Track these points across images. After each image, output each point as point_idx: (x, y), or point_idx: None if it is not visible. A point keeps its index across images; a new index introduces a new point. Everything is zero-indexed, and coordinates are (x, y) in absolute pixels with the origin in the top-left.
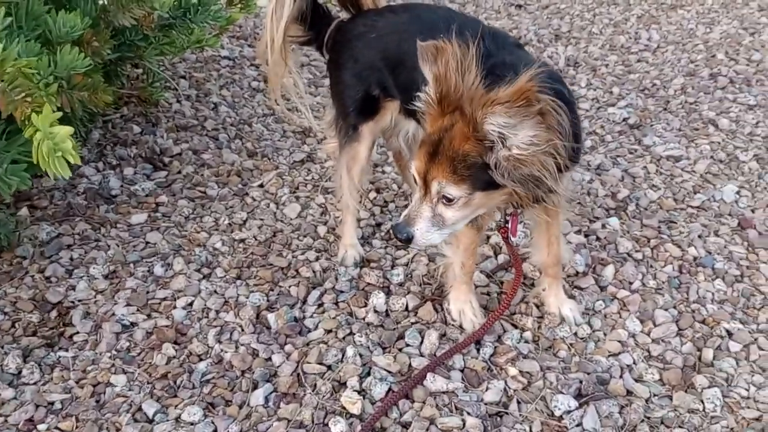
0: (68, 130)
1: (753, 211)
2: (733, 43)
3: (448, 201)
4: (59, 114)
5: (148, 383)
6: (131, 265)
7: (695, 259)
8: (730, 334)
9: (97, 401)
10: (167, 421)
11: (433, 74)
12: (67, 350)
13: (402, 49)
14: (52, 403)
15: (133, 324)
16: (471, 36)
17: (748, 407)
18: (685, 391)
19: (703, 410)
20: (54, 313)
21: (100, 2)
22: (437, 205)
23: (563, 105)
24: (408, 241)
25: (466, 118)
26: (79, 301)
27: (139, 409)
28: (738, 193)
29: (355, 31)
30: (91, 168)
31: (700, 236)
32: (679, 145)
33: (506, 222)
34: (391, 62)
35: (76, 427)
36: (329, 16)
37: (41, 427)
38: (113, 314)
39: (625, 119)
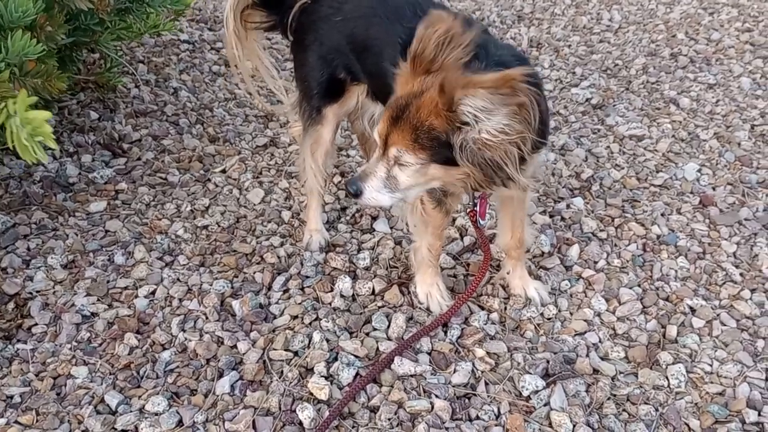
0: (45, 114)
1: (714, 188)
2: (692, 22)
3: (402, 166)
4: (34, 99)
5: (110, 374)
6: (91, 254)
7: (658, 237)
8: (693, 310)
9: (58, 394)
10: (131, 412)
11: (419, 34)
12: (25, 342)
13: (369, 33)
14: (11, 397)
15: (93, 314)
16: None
17: (712, 382)
18: (650, 368)
19: (668, 386)
20: (11, 305)
21: None
22: (393, 168)
23: (540, 99)
24: (356, 195)
25: (443, 95)
26: (37, 292)
27: (102, 400)
28: (699, 171)
29: (320, 13)
30: (48, 155)
31: (662, 214)
32: (641, 125)
33: (475, 204)
34: (357, 46)
35: (37, 421)
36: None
37: (0, 421)
38: (73, 305)
39: (588, 99)
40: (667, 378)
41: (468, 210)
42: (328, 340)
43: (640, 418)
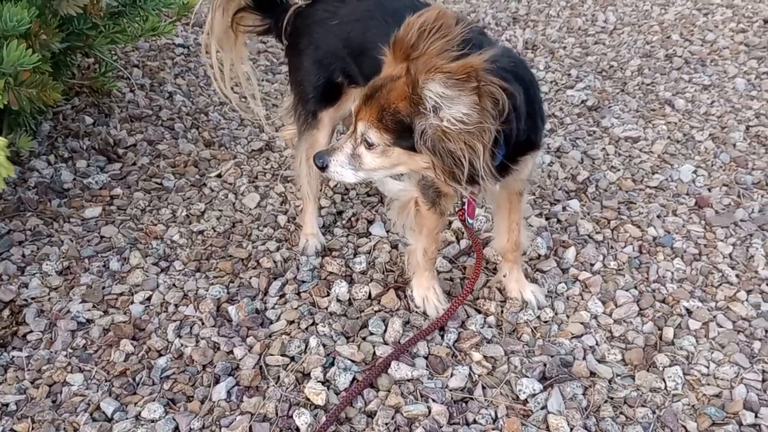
0: (2, 143)
1: (710, 189)
2: (687, 23)
3: (369, 145)
4: None
5: (106, 381)
6: (86, 260)
7: (654, 239)
8: (689, 312)
9: (54, 401)
10: (127, 419)
11: (407, 20)
12: (20, 350)
13: (366, 37)
14: (7, 405)
15: (89, 321)
16: None
17: (709, 384)
18: (647, 370)
19: (665, 388)
20: (6, 312)
21: None
22: (359, 146)
23: (513, 94)
24: (322, 168)
25: (408, 77)
26: (32, 298)
27: (98, 407)
28: (695, 172)
29: (315, 17)
30: (42, 161)
31: (658, 216)
32: (636, 126)
33: (463, 204)
34: (354, 50)
35: (32, 429)
36: (286, 2)
37: None
38: (68, 311)
39: (583, 101)
40: (664, 380)
41: (457, 210)
42: (324, 345)
43: (637, 420)
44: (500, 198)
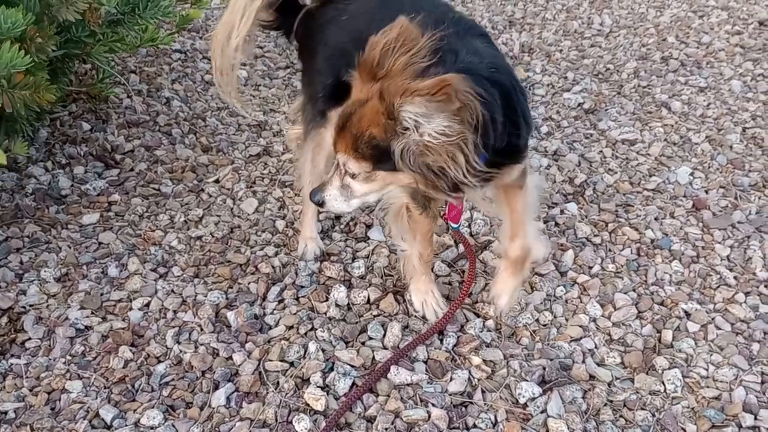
0: None
1: (707, 192)
2: (683, 26)
3: (352, 175)
4: None
5: (105, 388)
6: (84, 266)
7: (652, 241)
8: (688, 314)
9: (53, 409)
10: (126, 426)
11: (371, 40)
12: (19, 357)
13: (371, 31)
14: (5, 413)
15: (87, 327)
16: (436, 21)
17: (708, 387)
18: (647, 373)
19: (665, 391)
20: (4, 320)
21: None
22: (345, 176)
23: (489, 102)
24: (320, 204)
25: (383, 102)
26: (31, 305)
27: (97, 415)
28: (692, 174)
29: (326, 16)
30: (40, 168)
31: (656, 218)
32: (633, 129)
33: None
34: (361, 44)
35: None
36: (298, 3)
37: None
38: (66, 318)
39: (580, 104)
40: (663, 383)
41: (442, 214)
42: (323, 350)
43: (636, 423)
44: (498, 196)
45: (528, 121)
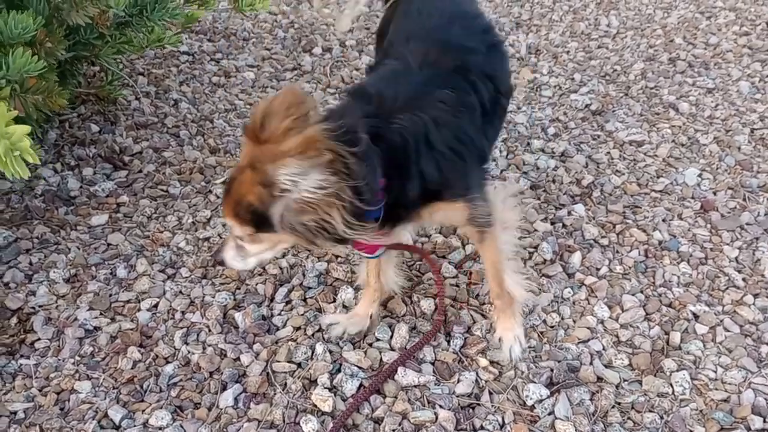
0: (24, 129)
1: (715, 193)
2: (690, 27)
3: (239, 237)
4: (15, 113)
5: (113, 389)
6: (93, 267)
7: (660, 242)
8: (696, 316)
9: (62, 409)
10: (134, 426)
11: (255, 105)
12: (28, 358)
13: (397, 27)
14: (15, 413)
15: (96, 328)
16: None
17: (716, 389)
18: (655, 375)
19: (673, 393)
20: (14, 320)
21: (53, 1)
22: (237, 238)
23: (362, 150)
24: (221, 264)
25: (256, 172)
26: (40, 306)
27: (105, 415)
28: (700, 176)
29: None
30: (49, 169)
31: (664, 220)
32: (641, 130)
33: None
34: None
35: None
36: None
37: None
38: (76, 319)
39: (587, 105)
40: (671, 385)
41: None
42: (331, 352)
43: (645, 426)
44: (471, 237)
45: (424, 174)
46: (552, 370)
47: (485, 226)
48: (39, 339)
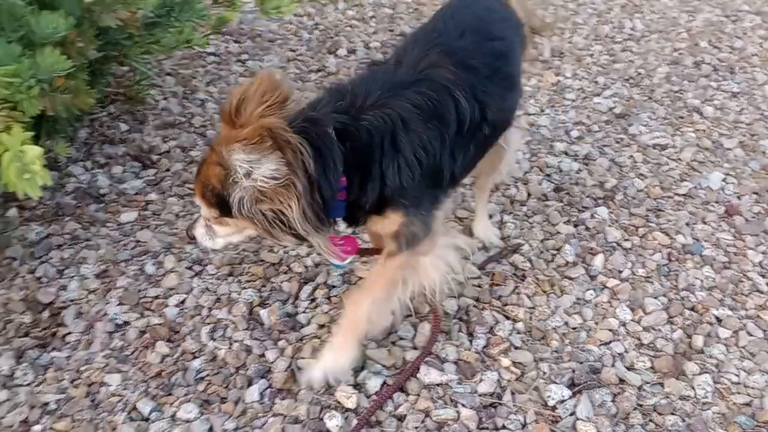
0: (38, 151)
1: (739, 197)
2: (715, 30)
3: (207, 218)
4: (29, 134)
5: (142, 382)
6: (122, 263)
7: (683, 246)
8: (719, 320)
9: (92, 401)
10: (163, 419)
11: (231, 91)
12: (60, 350)
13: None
14: (47, 404)
15: (125, 323)
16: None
17: (739, 393)
18: (677, 378)
19: (695, 396)
20: (46, 314)
21: (85, 1)
22: (205, 219)
23: (323, 145)
24: (192, 239)
25: (214, 154)
26: (71, 300)
27: (134, 408)
28: (724, 180)
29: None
30: (79, 167)
31: (687, 224)
32: (665, 134)
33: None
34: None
35: (72, 428)
36: None
37: (36, 428)
38: (105, 313)
39: (611, 109)
40: (693, 388)
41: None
42: None
43: (666, 428)
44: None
45: (385, 177)
46: (574, 371)
47: (404, 248)
48: (70, 332)
